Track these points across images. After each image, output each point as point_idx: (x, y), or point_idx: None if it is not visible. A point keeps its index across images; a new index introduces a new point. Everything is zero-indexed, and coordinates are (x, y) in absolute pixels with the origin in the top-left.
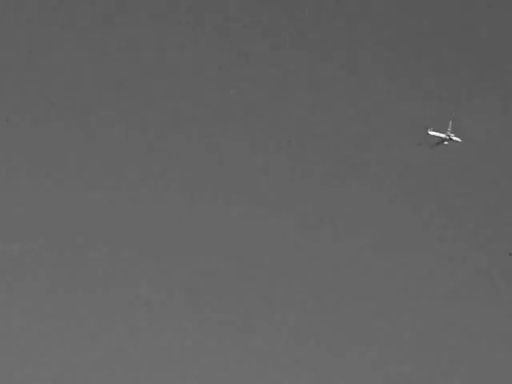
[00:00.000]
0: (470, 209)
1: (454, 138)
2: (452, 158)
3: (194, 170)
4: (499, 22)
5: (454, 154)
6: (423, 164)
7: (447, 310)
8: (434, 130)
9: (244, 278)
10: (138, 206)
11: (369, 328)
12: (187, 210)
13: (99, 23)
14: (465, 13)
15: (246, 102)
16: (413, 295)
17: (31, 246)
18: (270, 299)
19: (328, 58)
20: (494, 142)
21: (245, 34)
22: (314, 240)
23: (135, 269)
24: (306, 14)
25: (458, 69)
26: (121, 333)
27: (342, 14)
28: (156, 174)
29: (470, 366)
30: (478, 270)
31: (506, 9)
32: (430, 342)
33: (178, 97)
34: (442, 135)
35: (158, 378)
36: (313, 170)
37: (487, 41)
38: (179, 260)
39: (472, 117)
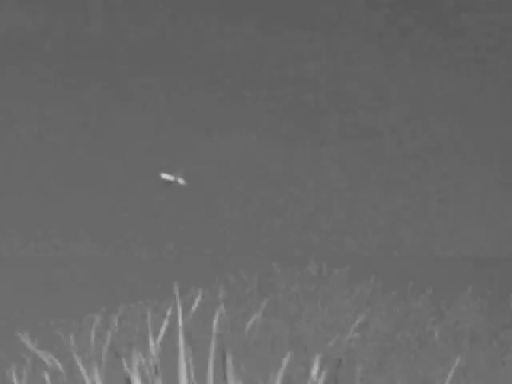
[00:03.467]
0: (470, 209)
1: (180, 181)
2: (451, 158)
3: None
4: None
5: (454, 153)
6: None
7: None
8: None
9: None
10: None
11: None
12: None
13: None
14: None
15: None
16: None
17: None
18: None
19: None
20: (493, 141)
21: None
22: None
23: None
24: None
25: (457, 69)
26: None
27: None
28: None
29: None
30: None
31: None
32: None
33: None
34: (172, 178)
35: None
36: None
37: (487, 41)
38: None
39: (472, 119)
